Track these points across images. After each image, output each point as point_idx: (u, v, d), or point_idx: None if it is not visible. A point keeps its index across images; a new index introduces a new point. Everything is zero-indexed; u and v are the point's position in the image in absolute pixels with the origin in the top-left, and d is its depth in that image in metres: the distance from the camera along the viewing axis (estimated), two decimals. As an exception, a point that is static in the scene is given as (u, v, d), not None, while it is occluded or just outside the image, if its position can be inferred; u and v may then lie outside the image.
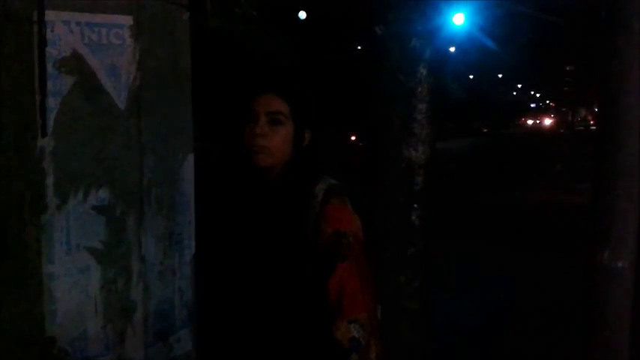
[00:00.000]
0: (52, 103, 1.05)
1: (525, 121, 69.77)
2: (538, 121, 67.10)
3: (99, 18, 1.08)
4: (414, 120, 2.90)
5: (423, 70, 2.91)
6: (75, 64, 1.06)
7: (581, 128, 25.50)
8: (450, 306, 5.30)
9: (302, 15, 14.59)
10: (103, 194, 1.07)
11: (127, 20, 1.10)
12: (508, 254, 7.22)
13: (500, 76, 44.73)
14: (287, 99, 1.86)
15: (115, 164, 1.08)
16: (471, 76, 39.73)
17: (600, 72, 2.43)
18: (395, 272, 2.93)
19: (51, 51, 1.05)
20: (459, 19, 19.37)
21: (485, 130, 54.83)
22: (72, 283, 1.07)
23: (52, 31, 1.04)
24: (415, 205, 2.96)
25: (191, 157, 1.23)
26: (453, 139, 40.78)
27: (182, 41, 1.20)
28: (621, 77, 2.33)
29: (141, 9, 1.10)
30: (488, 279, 6.19)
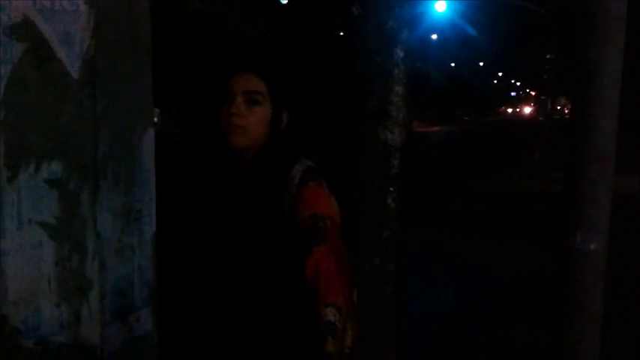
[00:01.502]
0: (2, 71, 1.00)
1: (505, 109, 70.22)
2: (518, 110, 67.58)
3: (51, -17, 1.03)
4: (391, 102, 2.88)
5: (399, 52, 2.89)
6: (26, 30, 1.02)
7: (558, 117, 25.64)
8: (425, 293, 5.32)
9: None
10: (56, 167, 1.03)
11: (81, -14, 1.05)
12: (483, 242, 7.28)
13: (481, 64, 44.97)
14: (265, 79, 1.83)
15: (68, 136, 1.03)
16: (453, 64, 39.91)
17: (575, 52, 2.42)
18: (370, 255, 2.92)
19: (1, 16, 1.00)
20: (440, 6, 19.37)
21: (465, 118, 55.19)
22: (24, 259, 1.03)
23: (1, -5, 0.99)
24: (391, 189, 2.95)
25: (151, 131, 1.19)
26: (433, 126, 40.98)
27: (141, 10, 1.15)
28: (598, 60, 2.32)
29: (96, -26, 1.05)
30: (463, 266, 6.23)
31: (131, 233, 1.14)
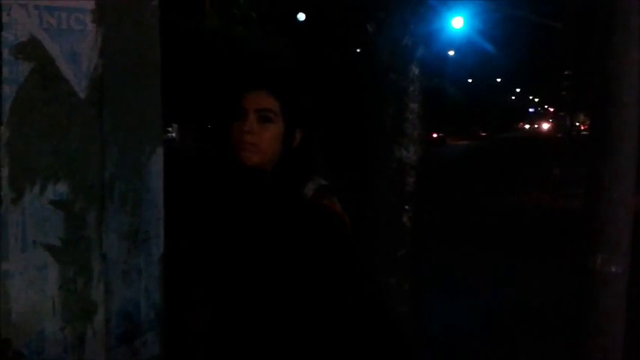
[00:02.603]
0: (8, 91, 0.99)
1: (523, 125, 69.87)
2: (536, 126, 67.20)
3: (59, 1, 1.02)
4: (406, 120, 2.86)
5: (415, 69, 2.86)
6: (32, 50, 1.00)
7: (575, 133, 25.36)
8: (445, 309, 5.24)
9: (301, 17, 14.55)
10: (62, 188, 1.01)
11: (88, 4, 1.03)
12: (503, 259, 7.17)
13: (498, 80, 44.79)
14: (277, 96, 1.81)
15: (75, 157, 1.02)
16: (470, 80, 39.76)
17: (596, 72, 2.38)
18: (385, 274, 2.87)
19: (7, 36, 0.99)
20: (457, 23, 19.35)
21: (483, 134, 54.90)
22: (28, 281, 1.00)
23: (8, 14, 0.98)
24: (406, 207, 2.91)
25: (160, 151, 1.17)
26: (451, 142, 40.73)
27: (150, 28, 1.14)
28: (617, 76, 2.28)
29: (104, -7, 1.04)
30: (483, 283, 6.13)
31: (138, 255, 1.12)
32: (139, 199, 1.12)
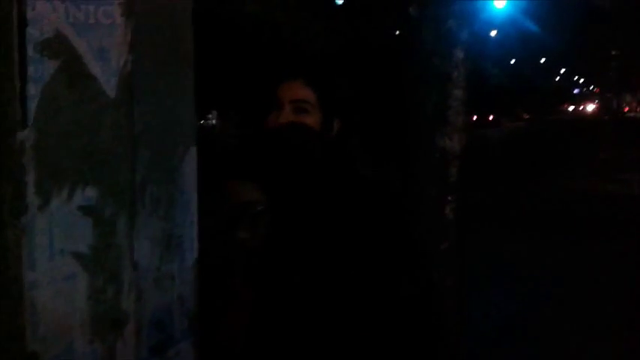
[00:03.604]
0: (33, 90, 0.93)
1: (567, 107, 68.34)
2: (581, 107, 65.60)
3: (86, -6, 0.96)
4: (449, 107, 2.75)
5: (459, 54, 2.75)
6: (59, 46, 0.94)
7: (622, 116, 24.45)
8: (492, 297, 5.14)
9: (339, 0, 14.40)
10: (91, 193, 0.96)
11: (117, -4, 0.97)
12: (548, 243, 7.01)
13: (542, 60, 43.68)
14: (314, 87, 1.75)
15: (104, 159, 0.96)
16: (513, 61, 38.92)
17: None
18: (427, 269, 2.79)
19: (32, 32, 0.93)
20: (500, 2, 18.88)
21: (526, 117, 53.81)
22: (55, 291, 0.96)
23: (32, 9, 0.92)
24: (449, 198, 2.81)
25: (193, 151, 1.10)
26: (494, 126, 40.18)
27: (182, 21, 1.07)
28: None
29: (133, -16, 0.97)
30: (525, 270, 6.00)
31: (171, 261, 1.06)
32: (172, 202, 1.06)
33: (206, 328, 1.15)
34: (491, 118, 43.56)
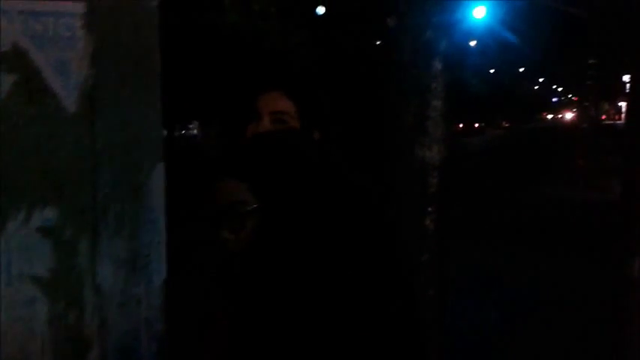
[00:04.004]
0: (-12, 106, 0.89)
1: (546, 115, 69.13)
2: (560, 115, 66.38)
3: (45, 6, 0.92)
4: (428, 118, 2.73)
5: (437, 65, 2.73)
6: (16, 60, 0.90)
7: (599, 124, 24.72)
8: (469, 308, 5.12)
9: (320, 10, 14.42)
10: (50, 213, 0.91)
11: (78, 8, 0.93)
12: (527, 253, 7.02)
13: (521, 70, 44.12)
14: (293, 98, 1.72)
15: (64, 178, 0.91)
16: (492, 70, 39.27)
17: (633, 61, 2.22)
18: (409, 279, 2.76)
19: (-13, 45, 0.89)
20: (479, 13, 19.06)
21: (506, 125, 54.32)
22: (15, 317, 0.91)
23: (-12, 21, 0.88)
24: (429, 209, 2.79)
25: (161, 167, 1.06)
26: (468, 135, 40.58)
27: (148, 33, 1.03)
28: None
29: (95, -5, 0.93)
30: (507, 280, 5.99)
31: (137, 283, 1.02)
32: (138, 221, 1.01)
33: (183, 354, 1.10)
34: (477, 125, 45.83)
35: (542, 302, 5.30)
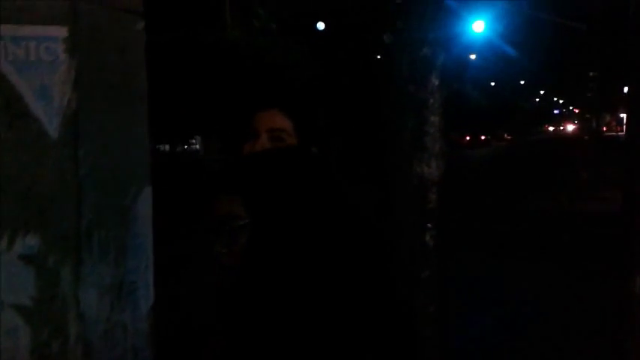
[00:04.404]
0: (-31, 132, 0.87)
1: (547, 127, 69.26)
2: (561, 127, 66.45)
3: (26, 30, 0.90)
4: (426, 134, 2.71)
5: (434, 80, 2.72)
6: (-3, 85, 0.89)
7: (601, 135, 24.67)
8: (473, 320, 5.08)
9: (320, 26, 14.49)
10: (32, 241, 0.89)
11: (60, 32, 0.92)
12: (528, 266, 6.97)
13: (522, 82, 44.26)
14: (291, 116, 1.71)
15: (47, 204, 0.90)
16: (493, 83, 39.41)
17: (631, 73, 2.20)
18: (408, 297, 2.73)
19: (-33, 70, 0.87)
20: (478, 27, 19.15)
21: (508, 137, 54.46)
22: (-4, 347, 0.89)
23: (-32, 46, 0.86)
24: (429, 225, 2.76)
25: (148, 191, 1.04)
26: (475, 147, 40.67)
27: (134, 56, 1.02)
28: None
29: (78, 18, 0.92)
30: (509, 293, 5.95)
31: (122, 310, 1.00)
32: (124, 247, 0.99)
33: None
34: (483, 138, 47.38)
35: (544, 316, 5.26)
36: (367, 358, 1.39)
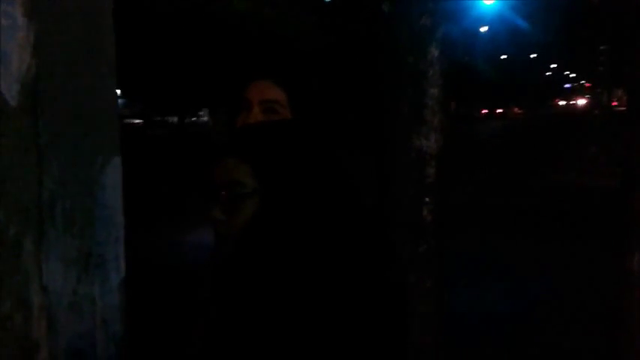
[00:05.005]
0: None
1: (558, 102, 68.64)
2: (572, 102, 65.81)
3: (-18, -8, 0.87)
4: (425, 106, 2.66)
5: (434, 51, 2.66)
6: (-47, 50, 0.85)
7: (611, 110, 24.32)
8: (479, 296, 5.07)
9: (327, -5, 14.30)
10: (-8, 211, 0.86)
11: (18, -6, 0.88)
12: (538, 242, 6.94)
13: (533, 56, 43.72)
14: (284, 87, 1.68)
15: (6, 174, 0.87)
16: (504, 56, 38.94)
17: (634, 38, 2.13)
18: (404, 272, 2.71)
19: None
20: (489, -1, 18.83)
21: (518, 111, 54.03)
22: (-43, 320, 0.87)
23: None
24: (427, 199, 2.72)
25: (117, 161, 1.01)
26: (485, 121, 40.46)
27: (100, 19, 0.98)
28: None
29: (38, -20, 0.88)
30: (514, 269, 5.93)
31: (90, 283, 0.97)
32: (90, 218, 0.97)
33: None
34: (499, 111, 49.58)
35: (552, 292, 5.24)
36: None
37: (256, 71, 1.75)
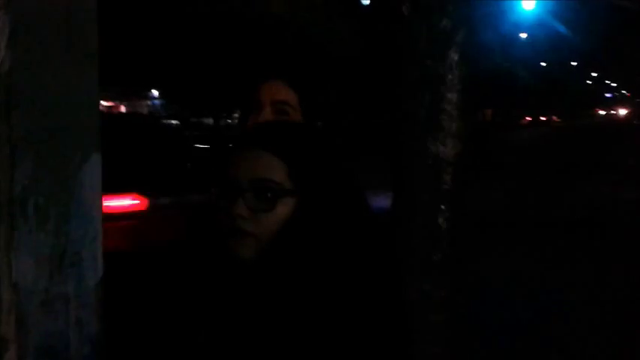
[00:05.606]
0: None
1: (597, 111, 67.37)
2: (612, 112, 64.42)
3: (-42, -17, 0.86)
4: (442, 111, 2.60)
5: (453, 55, 2.60)
6: None
7: None
8: (505, 307, 4.98)
9: (365, 1, 14.28)
10: (-39, 205, 0.86)
11: (-6, -14, 0.87)
12: (571, 253, 6.80)
13: (574, 63, 42.92)
14: (295, 87, 1.66)
15: (-24, 168, 0.86)
16: (544, 64, 38.32)
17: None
18: (418, 280, 2.65)
19: None
20: (529, 4, 18.56)
21: (557, 120, 53.16)
22: None
23: None
24: (442, 207, 2.66)
25: (96, 158, 0.99)
26: (522, 129, 39.87)
27: (83, 12, 0.96)
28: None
29: (15, -29, 0.87)
30: (547, 282, 5.81)
31: (64, 281, 0.96)
32: (66, 215, 0.95)
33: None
34: (543, 118, 49.97)
35: (582, 303, 5.11)
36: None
37: (269, 71, 1.73)
